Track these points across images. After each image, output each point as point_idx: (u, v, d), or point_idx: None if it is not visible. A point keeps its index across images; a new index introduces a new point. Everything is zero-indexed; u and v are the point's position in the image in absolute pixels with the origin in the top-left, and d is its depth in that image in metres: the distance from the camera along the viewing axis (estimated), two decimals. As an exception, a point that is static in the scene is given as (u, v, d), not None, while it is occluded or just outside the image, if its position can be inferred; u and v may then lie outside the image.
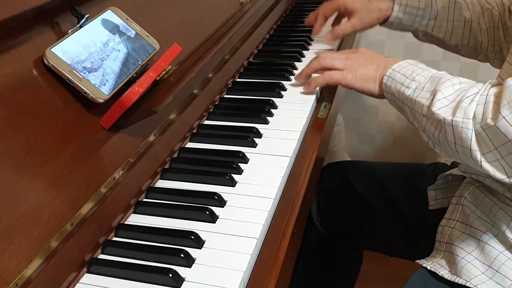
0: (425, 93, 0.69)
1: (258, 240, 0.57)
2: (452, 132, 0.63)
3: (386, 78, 0.76)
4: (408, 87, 0.72)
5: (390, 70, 0.76)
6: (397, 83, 0.74)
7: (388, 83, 0.75)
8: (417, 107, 0.69)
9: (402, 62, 0.76)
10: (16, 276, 0.47)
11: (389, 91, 0.76)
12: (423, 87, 0.70)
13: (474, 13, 0.99)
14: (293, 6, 1.39)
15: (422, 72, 0.72)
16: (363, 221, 0.93)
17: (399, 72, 0.74)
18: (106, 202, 0.59)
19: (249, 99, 0.90)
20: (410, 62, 0.76)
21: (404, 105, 0.73)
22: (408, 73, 0.73)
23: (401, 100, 0.74)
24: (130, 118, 0.64)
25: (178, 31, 0.83)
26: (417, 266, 0.98)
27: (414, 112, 0.71)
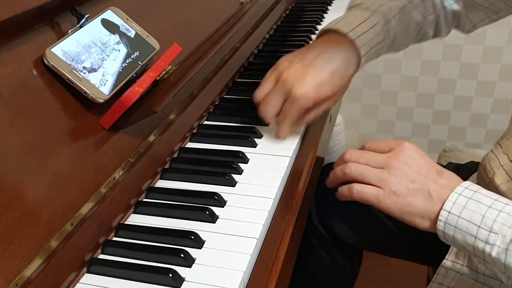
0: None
1: (258, 240, 0.57)
2: None
3: (442, 225, 0.58)
4: (489, 243, 0.54)
5: (445, 214, 0.57)
6: (466, 235, 0.56)
7: (449, 232, 0.58)
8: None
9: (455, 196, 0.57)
10: (16, 276, 0.47)
11: (453, 241, 0.58)
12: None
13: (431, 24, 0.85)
14: (293, 6, 1.39)
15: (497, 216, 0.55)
16: (362, 221, 0.93)
17: (460, 216, 0.56)
18: (106, 202, 0.59)
19: (250, 99, 0.89)
20: (465, 194, 0.57)
21: (487, 264, 0.57)
22: (476, 218, 0.56)
23: (480, 257, 0.57)
24: (130, 118, 0.64)
25: (178, 31, 0.83)
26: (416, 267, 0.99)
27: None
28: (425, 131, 1.90)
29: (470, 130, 1.85)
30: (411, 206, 0.59)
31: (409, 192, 0.59)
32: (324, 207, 0.95)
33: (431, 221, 0.59)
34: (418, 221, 0.60)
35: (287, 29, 1.23)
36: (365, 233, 0.94)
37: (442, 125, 1.87)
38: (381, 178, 0.60)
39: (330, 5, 1.40)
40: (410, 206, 0.59)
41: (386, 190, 0.60)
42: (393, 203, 0.60)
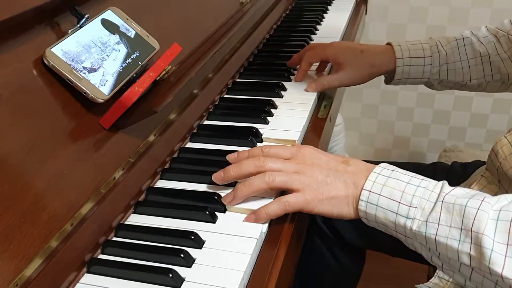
0: (451, 231, 0.53)
1: (258, 240, 0.57)
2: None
3: (364, 205, 0.59)
4: (410, 218, 0.56)
5: (366, 193, 0.58)
6: (387, 212, 0.57)
7: (371, 211, 0.59)
8: (447, 251, 0.54)
9: (374, 176, 0.59)
10: (16, 276, 0.47)
11: (375, 220, 0.59)
12: (437, 219, 0.54)
13: (489, 44, 0.91)
14: (293, 6, 1.39)
15: (415, 191, 0.56)
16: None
17: (381, 194, 0.58)
18: (106, 202, 0.58)
19: (249, 99, 0.90)
20: (384, 173, 0.59)
21: (408, 239, 0.58)
22: (395, 194, 0.57)
23: (401, 233, 0.58)
24: (130, 118, 0.64)
25: (178, 31, 0.83)
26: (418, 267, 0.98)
27: (437, 253, 0.56)
28: (425, 131, 1.90)
29: (470, 130, 1.85)
30: (336, 198, 0.61)
31: (329, 186, 0.61)
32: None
33: (354, 207, 0.61)
34: (345, 210, 0.61)
35: (287, 29, 1.23)
36: (368, 232, 0.93)
37: (442, 125, 1.87)
38: (302, 182, 0.61)
39: (330, 5, 1.40)
40: (335, 198, 0.61)
41: (310, 192, 0.61)
42: (320, 202, 0.61)
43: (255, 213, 0.60)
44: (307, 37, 1.16)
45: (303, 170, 0.62)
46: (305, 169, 0.62)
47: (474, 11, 1.64)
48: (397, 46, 0.92)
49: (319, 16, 1.29)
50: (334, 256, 1.00)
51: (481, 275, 0.52)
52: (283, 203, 0.61)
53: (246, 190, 0.62)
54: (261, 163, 0.63)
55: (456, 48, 0.92)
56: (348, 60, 0.90)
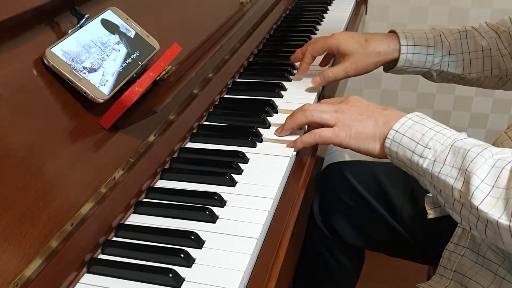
0: (451, 171, 0.58)
1: (258, 240, 0.57)
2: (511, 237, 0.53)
3: (389, 142, 0.65)
4: (423, 157, 0.61)
5: (393, 132, 0.64)
6: (406, 150, 0.63)
7: (394, 148, 0.64)
8: (445, 188, 0.59)
9: (405, 119, 0.65)
10: (16, 276, 0.47)
11: (396, 157, 0.65)
12: (444, 159, 0.59)
13: (490, 39, 0.91)
14: (293, 6, 1.39)
15: (434, 135, 0.61)
16: (363, 221, 0.93)
17: (404, 135, 0.63)
18: (106, 202, 0.58)
19: (249, 99, 0.90)
20: (414, 119, 0.65)
21: (420, 176, 0.64)
22: (416, 136, 0.62)
23: (415, 171, 0.64)
24: (130, 118, 0.64)
25: (178, 31, 0.83)
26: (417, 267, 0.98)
27: (439, 190, 0.61)
28: (425, 131, 1.90)
29: (470, 130, 1.85)
30: (363, 133, 0.68)
31: (359, 123, 0.68)
32: (327, 208, 0.95)
33: (381, 144, 0.67)
34: (371, 146, 0.68)
35: (287, 29, 1.23)
36: (367, 233, 0.94)
37: (442, 125, 1.87)
38: (336, 117, 0.70)
39: (330, 5, 1.40)
40: (362, 133, 0.68)
41: (341, 127, 0.69)
42: (348, 135, 0.68)
43: (294, 142, 0.73)
44: (307, 37, 1.16)
45: (342, 109, 0.71)
46: (344, 108, 0.71)
47: (474, 11, 1.64)
48: (402, 33, 0.91)
49: (319, 16, 1.29)
50: (333, 256, 1.00)
51: (467, 211, 0.57)
52: (315, 134, 0.70)
53: (291, 123, 0.74)
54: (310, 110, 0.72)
55: (459, 40, 0.92)
56: (353, 49, 0.90)
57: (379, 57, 0.91)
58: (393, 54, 0.91)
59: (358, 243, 0.96)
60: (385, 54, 0.91)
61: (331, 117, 0.70)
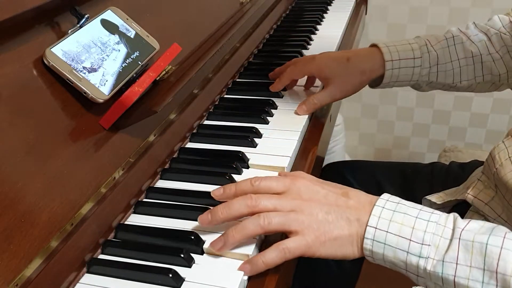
0: (472, 272, 0.49)
1: (257, 240, 0.57)
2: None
3: (370, 243, 0.53)
4: (423, 257, 0.51)
5: (371, 230, 0.53)
6: (396, 251, 0.52)
7: (378, 250, 0.53)
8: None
9: (379, 210, 0.54)
10: (16, 276, 0.47)
11: (384, 259, 0.54)
12: (455, 258, 0.49)
13: (480, 43, 0.86)
14: (293, 6, 1.39)
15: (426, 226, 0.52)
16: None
17: (388, 231, 0.53)
18: (106, 202, 0.58)
19: (249, 99, 0.90)
20: (388, 207, 0.54)
21: (421, 279, 0.53)
22: (405, 231, 0.52)
23: (413, 273, 0.53)
24: (130, 118, 0.64)
25: (178, 31, 0.83)
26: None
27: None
28: (425, 131, 1.90)
29: (470, 130, 1.85)
30: (339, 238, 0.55)
31: (331, 225, 0.55)
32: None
33: (359, 246, 0.55)
34: (349, 251, 0.55)
35: (287, 29, 1.23)
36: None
37: (442, 125, 1.87)
38: (301, 223, 0.54)
39: (330, 5, 1.40)
40: (338, 238, 0.55)
41: (310, 234, 0.54)
42: (323, 245, 0.54)
43: (251, 262, 0.54)
44: (307, 37, 1.16)
45: (301, 207, 0.55)
46: (303, 206, 0.56)
47: (474, 11, 1.64)
48: (385, 47, 0.86)
49: (319, 16, 1.29)
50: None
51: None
52: (283, 250, 0.54)
53: (238, 236, 0.55)
54: (253, 202, 0.55)
55: (446, 48, 0.87)
56: (335, 72, 0.83)
57: (364, 76, 0.85)
58: (378, 70, 0.85)
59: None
60: (370, 72, 0.85)
61: (293, 221, 0.54)
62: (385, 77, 0.86)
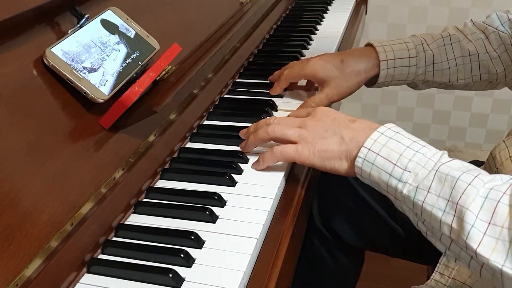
0: (438, 201, 0.53)
1: (258, 240, 0.57)
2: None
3: (361, 162, 0.59)
4: (402, 181, 0.56)
5: (365, 150, 0.59)
6: (381, 172, 0.57)
7: (366, 169, 0.59)
8: (431, 220, 0.54)
9: (377, 135, 0.59)
10: (16, 276, 0.47)
11: (369, 178, 0.60)
12: (428, 186, 0.54)
13: (477, 41, 0.86)
14: (293, 6, 1.39)
15: (413, 155, 0.56)
16: (363, 221, 0.93)
17: (378, 154, 0.57)
18: (106, 202, 0.58)
19: (249, 99, 0.90)
20: (387, 133, 0.59)
21: (398, 201, 0.58)
22: (393, 156, 0.56)
23: (392, 195, 0.58)
24: (130, 118, 0.64)
25: (178, 31, 0.83)
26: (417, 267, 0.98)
27: (422, 220, 0.56)
28: (425, 131, 1.90)
29: (470, 130, 1.85)
30: (328, 151, 0.62)
31: (323, 140, 0.63)
32: (327, 209, 0.95)
33: (349, 162, 0.61)
34: (337, 164, 0.63)
35: (287, 29, 1.23)
36: (367, 234, 0.93)
37: (442, 125, 1.87)
38: (299, 134, 0.64)
39: (330, 5, 1.40)
40: (327, 151, 0.62)
41: (303, 144, 0.64)
42: (311, 153, 0.63)
43: (255, 163, 0.69)
44: (307, 37, 1.16)
45: (306, 124, 0.65)
46: (308, 124, 0.65)
47: (474, 11, 1.64)
48: (380, 47, 0.86)
49: (319, 16, 1.29)
50: (333, 257, 1.00)
51: (458, 247, 0.52)
52: (276, 152, 0.65)
53: (253, 139, 0.69)
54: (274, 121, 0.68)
55: (442, 47, 0.87)
56: (331, 75, 0.84)
57: (360, 77, 0.85)
58: (373, 70, 0.86)
59: (358, 243, 0.96)
60: (366, 72, 0.86)
61: (294, 133, 0.65)
62: (380, 77, 0.86)
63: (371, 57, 0.86)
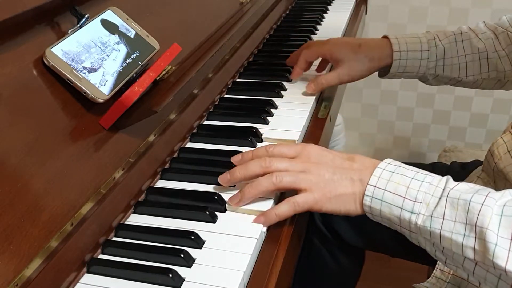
0: (456, 226, 0.53)
1: (258, 240, 0.57)
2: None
3: (369, 200, 0.59)
4: (415, 213, 0.56)
5: (371, 188, 0.59)
6: (392, 207, 0.57)
7: (376, 206, 0.59)
8: (451, 246, 0.54)
9: (379, 171, 0.59)
10: (16, 276, 0.47)
11: (380, 215, 0.60)
12: (442, 214, 0.54)
13: (487, 40, 0.90)
14: (293, 6, 1.39)
15: (420, 186, 0.57)
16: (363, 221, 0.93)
17: (386, 189, 0.58)
18: (106, 202, 0.58)
19: (249, 99, 0.90)
20: (389, 169, 0.60)
21: (413, 234, 0.58)
22: (400, 190, 0.57)
23: (406, 228, 0.58)
24: (130, 118, 0.64)
25: (178, 31, 0.83)
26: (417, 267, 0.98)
27: (441, 248, 0.56)
28: (425, 131, 1.90)
29: (470, 130, 1.85)
30: (343, 195, 0.61)
31: (336, 184, 0.61)
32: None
33: (360, 202, 0.61)
34: (351, 208, 0.62)
35: (287, 29, 1.23)
36: (368, 233, 0.93)
37: (442, 125, 1.87)
38: (310, 181, 0.61)
39: (330, 5, 1.40)
40: (342, 195, 0.61)
41: (317, 191, 0.61)
42: (328, 200, 0.61)
43: (265, 214, 0.61)
44: (307, 37, 1.16)
45: (310, 169, 0.62)
46: (312, 167, 0.62)
47: (474, 11, 1.64)
48: (394, 39, 0.91)
49: (319, 16, 1.29)
50: (333, 256, 1.00)
51: (484, 270, 0.52)
52: (293, 204, 0.61)
53: (254, 191, 0.62)
54: (267, 163, 0.63)
55: (454, 43, 0.91)
56: (346, 56, 0.89)
57: (373, 63, 0.90)
58: (386, 60, 0.91)
59: (358, 243, 0.96)
60: (379, 60, 0.90)
61: (302, 180, 0.61)
62: (392, 67, 0.91)
63: (385, 47, 0.91)
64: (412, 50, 0.90)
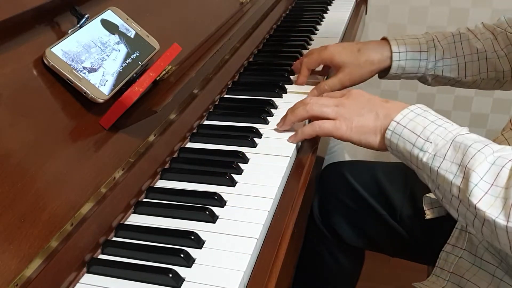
0: (451, 166, 0.58)
1: (258, 240, 0.57)
2: (507, 238, 0.53)
3: (390, 134, 0.65)
4: (423, 151, 0.61)
5: (394, 124, 0.65)
6: (406, 143, 0.63)
7: (394, 140, 0.65)
8: (444, 183, 0.59)
9: (406, 111, 0.65)
10: (16, 276, 0.47)
11: (396, 149, 0.65)
12: (444, 154, 0.59)
13: (486, 41, 0.91)
14: (293, 6, 1.39)
15: (435, 129, 0.61)
16: (363, 221, 0.93)
17: (405, 127, 0.63)
18: (106, 202, 0.58)
19: (249, 99, 0.90)
20: (416, 111, 0.65)
21: (419, 170, 0.64)
22: (418, 129, 0.62)
23: (414, 164, 0.64)
24: (130, 118, 0.64)
25: (178, 31, 0.83)
26: (417, 267, 0.98)
27: (437, 185, 0.61)
28: (425, 131, 1.90)
29: (470, 130, 1.84)
30: (364, 126, 0.68)
31: (360, 116, 0.69)
32: (327, 208, 0.95)
33: (382, 136, 0.67)
34: (372, 139, 0.68)
35: (287, 29, 1.23)
36: (367, 233, 0.94)
37: (442, 125, 1.87)
38: (337, 111, 0.70)
39: (330, 5, 1.40)
40: (364, 127, 0.68)
41: (341, 120, 0.70)
42: (349, 129, 0.69)
43: (294, 135, 0.74)
44: (307, 37, 1.16)
45: (343, 103, 0.71)
46: (345, 102, 0.71)
47: (474, 11, 1.64)
48: (393, 40, 0.92)
49: (319, 16, 1.29)
50: (333, 256, 1.00)
51: (465, 207, 0.57)
52: (316, 126, 0.71)
53: (291, 117, 0.75)
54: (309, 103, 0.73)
55: (452, 44, 0.92)
56: (346, 61, 0.91)
57: (373, 66, 0.92)
58: (386, 61, 0.92)
59: (358, 243, 0.96)
60: (379, 63, 0.92)
61: (332, 111, 0.70)
62: (392, 68, 0.92)
63: (385, 49, 0.92)
64: (411, 51, 0.91)
